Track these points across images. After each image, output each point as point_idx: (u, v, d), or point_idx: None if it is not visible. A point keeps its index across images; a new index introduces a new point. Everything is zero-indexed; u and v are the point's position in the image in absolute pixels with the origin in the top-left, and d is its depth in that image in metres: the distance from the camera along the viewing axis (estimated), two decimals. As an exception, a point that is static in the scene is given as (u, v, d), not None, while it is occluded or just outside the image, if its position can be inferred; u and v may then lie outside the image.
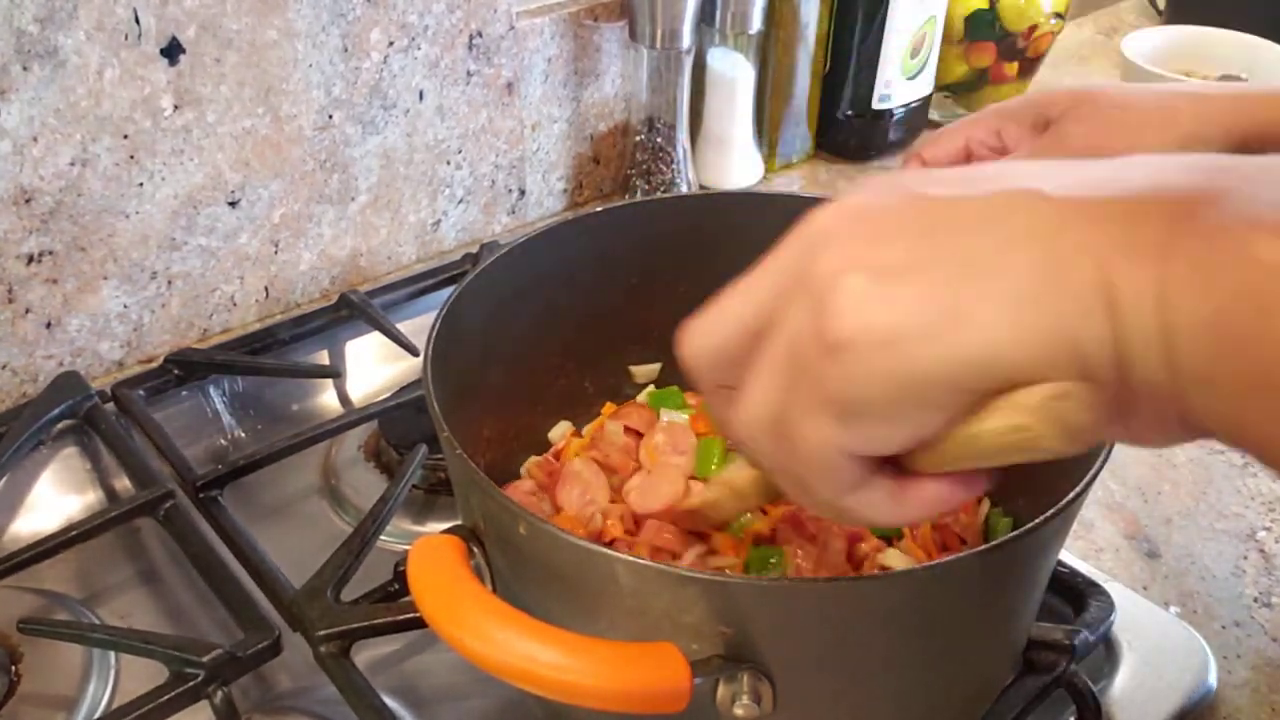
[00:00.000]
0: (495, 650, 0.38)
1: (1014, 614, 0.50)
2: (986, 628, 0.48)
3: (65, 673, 0.59)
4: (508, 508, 0.43)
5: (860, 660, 0.44)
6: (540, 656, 0.38)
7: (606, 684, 0.37)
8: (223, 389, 0.79)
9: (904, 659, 0.45)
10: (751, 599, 0.41)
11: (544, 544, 0.43)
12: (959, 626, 0.46)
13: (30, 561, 0.62)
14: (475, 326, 0.57)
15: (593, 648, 0.38)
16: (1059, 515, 0.42)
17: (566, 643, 0.38)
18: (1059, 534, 0.49)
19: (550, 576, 0.45)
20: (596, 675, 0.37)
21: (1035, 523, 0.41)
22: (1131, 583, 0.66)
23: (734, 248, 0.65)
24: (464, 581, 0.41)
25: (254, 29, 0.77)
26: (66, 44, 0.69)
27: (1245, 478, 0.75)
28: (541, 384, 0.66)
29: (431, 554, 0.42)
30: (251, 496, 0.71)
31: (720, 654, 0.41)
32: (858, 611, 0.42)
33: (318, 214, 0.86)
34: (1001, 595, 0.47)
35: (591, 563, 0.42)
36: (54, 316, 0.76)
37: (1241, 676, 0.61)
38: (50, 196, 0.73)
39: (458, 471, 0.48)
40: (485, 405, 0.61)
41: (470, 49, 0.89)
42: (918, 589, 0.42)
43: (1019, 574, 0.46)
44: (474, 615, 0.39)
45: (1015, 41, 1.14)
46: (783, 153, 1.11)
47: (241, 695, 0.58)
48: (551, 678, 0.38)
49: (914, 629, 0.44)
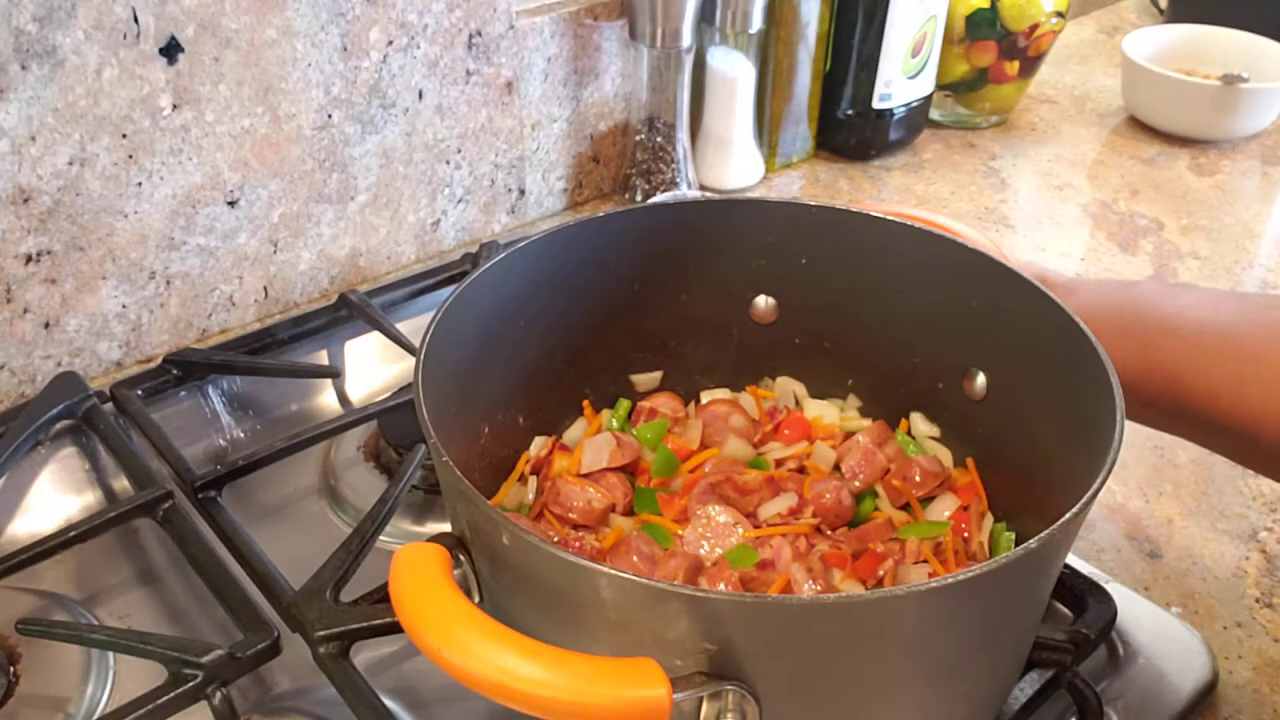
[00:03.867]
0: (472, 662, 0.38)
1: (1015, 629, 0.49)
2: (988, 645, 0.47)
3: (64, 673, 0.59)
4: (491, 516, 0.42)
5: (850, 681, 0.44)
6: (517, 670, 0.37)
7: (584, 700, 0.37)
8: (222, 389, 0.78)
9: (898, 680, 0.44)
10: (734, 616, 0.40)
11: (526, 555, 0.42)
12: (957, 645, 0.45)
13: (29, 562, 0.62)
14: (472, 332, 0.57)
15: (571, 662, 0.38)
16: (1043, 544, 0.41)
17: (544, 657, 0.38)
18: (1056, 553, 0.48)
19: (533, 588, 0.44)
20: (574, 691, 0.37)
21: (1019, 550, 0.41)
22: (1133, 583, 0.66)
23: (735, 255, 0.66)
24: (443, 590, 0.40)
25: (253, 28, 0.76)
26: (65, 43, 0.69)
27: (1247, 478, 0.75)
28: (541, 388, 0.65)
29: (413, 562, 0.41)
30: (250, 497, 0.71)
31: (704, 671, 0.40)
32: (845, 631, 0.41)
33: (317, 214, 0.86)
34: (1001, 613, 0.46)
35: (573, 575, 0.41)
36: (52, 316, 0.76)
37: (1243, 677, 0.61)
38: (49, 196, 0.72)
39: (445, 479, 0.47)
40: (485, 408, 0.61)
41: (470, 48, 0.88)
42: (904, 610, 0.41)
43: (1016, 592, 0.46)
44: (451, 625, 0.39)
45: (1016, 41, 1.14)
46: (783, 152, 1.11)
47: (240, 696, 0.58)
48: (527, 692, 0.37)
49: (907, 649, 0.43)
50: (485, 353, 0.59)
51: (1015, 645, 0.50)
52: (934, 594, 0.40)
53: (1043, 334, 0.54)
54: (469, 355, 0.57)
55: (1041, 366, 0.55)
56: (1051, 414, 0.55)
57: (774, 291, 0.67)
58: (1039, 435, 0.56)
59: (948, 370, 0.63)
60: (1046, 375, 0.55)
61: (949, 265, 0.59)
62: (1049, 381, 0.54)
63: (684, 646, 0.40)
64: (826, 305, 0.66)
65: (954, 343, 0.62)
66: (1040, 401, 0.56)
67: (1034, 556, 0.41)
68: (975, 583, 0.40)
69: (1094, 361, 0.49)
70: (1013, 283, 0.56)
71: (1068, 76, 1.36)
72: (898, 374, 0.65)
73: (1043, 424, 0.56)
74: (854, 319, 0.65)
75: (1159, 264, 0.99)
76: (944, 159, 1.16)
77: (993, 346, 0.60)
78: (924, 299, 0.61)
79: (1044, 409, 0.56)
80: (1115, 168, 1.16)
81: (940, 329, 0.62)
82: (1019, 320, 0.56)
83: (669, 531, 0.59)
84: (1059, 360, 0.53)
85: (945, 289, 0.60)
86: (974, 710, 0.50)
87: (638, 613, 0.41)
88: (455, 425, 0.55)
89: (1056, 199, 1.10)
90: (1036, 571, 0.46)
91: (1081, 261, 0.99)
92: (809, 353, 0.68)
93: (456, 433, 0.56)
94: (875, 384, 0.67)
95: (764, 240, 0.65)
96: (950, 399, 0.63)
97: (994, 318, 0.58)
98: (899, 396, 0.66)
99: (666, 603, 0.39)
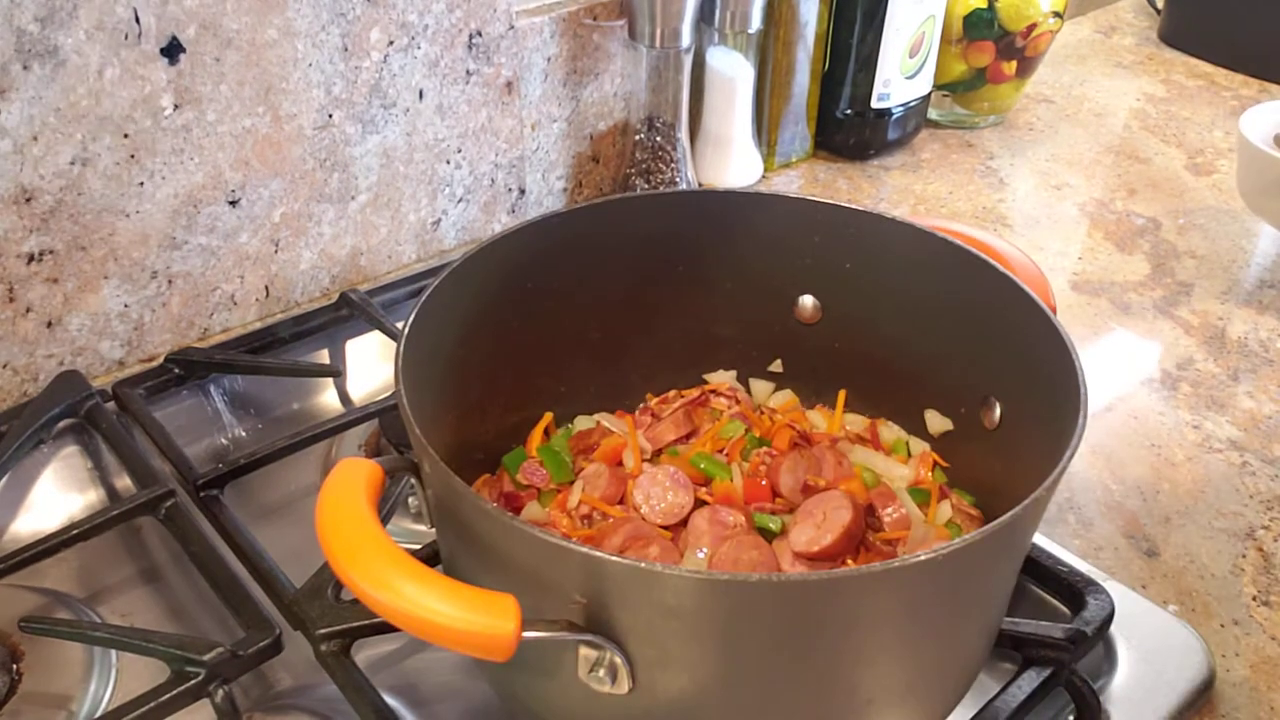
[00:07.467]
0: (354, 568, 0.40)
1: (936, 633, 0.48)
2: (894, 647, 0.47)
3: (66, 671, 0.59)
4: (420, 439, 0.46)
5: (724, 659, 0.44)
6: (392, 583, 0.40)
7: (435, 619, 0.39)
8: (223, 388, 0.79)
9: (779, 668, 0.44)
10: (585, 570, 0.42)
11: (438, 479, 0.46)
12: (851, 642, 0.45)
13: (31, 560, 0.62)
14: (457, 313, 0.58)
15: (438, 585, 0.40)
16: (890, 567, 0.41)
17: (418, 577, 0.40)
18: (986, 559, 0.46)
19: (443, 513, 0.49)
20: (432, 612, 0.39)
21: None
22: (1130, 581, 0.67)
23: (726, 248, 0.66)
24: (361, 509, 0.42)
25: (254, 28, 0.77)
26: (67, 43, 0.69)
27: (1244, 477, 0.75)
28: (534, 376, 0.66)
29: (345, 478, 0.44)
30: (252, 495, 0.71)
31: (574, 621, 0.43)
32: (708, 608, 0.42)
33: (318, 213, 0.86)
34: (907, 614, 0.45)
35: (458, 503, 0.45)
36: (55, 316, 0.76)
37: (1240, 675, 0.61)
38: (51, 196, 0.73)
39: (404, 410, 0.49)
40: (485, 385, 0.62)
41: (470, 48, 0.89)
42: (755, 596, 0.41)
43: (909, 595, 0.44)
44: (350, 536, 0.41)
45: (1013, 41, 1.14)
46: (782, 152, 1.11)
47: (242, 694, 0.58)
48: (386, 602, 0.40)
49: (791, 639, 0.43)
50: (470, 332, 0.60)
51: (952, 651, 0.50)
52: (786, 587, 0.41)
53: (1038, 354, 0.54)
54: (452, 333, 0.58)
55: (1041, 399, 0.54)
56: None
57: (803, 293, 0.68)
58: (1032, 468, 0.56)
59: (968, 396, 0.63)
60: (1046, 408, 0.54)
61: (978, 285, 0.59)
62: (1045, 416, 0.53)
63: (558, 594, 0.43)
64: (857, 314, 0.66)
65: (974, 369, 0.62)
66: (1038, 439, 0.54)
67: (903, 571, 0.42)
68: (841, 580, 0.42)
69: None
70: (1028, 311, 0.55)
71: (1065, 76, 1.37)
72: (912, 387, 0.66)
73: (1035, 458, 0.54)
74: (885, 330, 0.66)
75: (1156, 263, 1.00)
76: (942, 158, 1.17)
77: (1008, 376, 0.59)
78: (946, 315, 0.62)
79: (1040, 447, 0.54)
80: (1112, 167, 1.16)
81: (960, 350, 0.62)
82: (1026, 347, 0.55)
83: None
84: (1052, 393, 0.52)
85: (964, 306, 0.60)
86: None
87: (513, 551, 0.44)
88: (449, 395, 0.58)
89: (1054, 198, 1.10)
90: (958, 577, 0.45)
91: (1079, 261, 1.00)
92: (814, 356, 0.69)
93: (454, 400, 0.59)
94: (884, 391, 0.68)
95: (756, 232, 0.66)
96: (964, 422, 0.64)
97: (1007, 346, 0.58)
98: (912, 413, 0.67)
99: (529, 545, 0.43)
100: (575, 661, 0.44)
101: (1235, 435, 0.79)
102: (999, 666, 0.59)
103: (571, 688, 0.45)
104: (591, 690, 0.44)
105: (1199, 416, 0.81)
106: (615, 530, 0.57)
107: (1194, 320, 0.92)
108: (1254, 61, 1.36)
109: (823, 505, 0.57)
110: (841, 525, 0.56)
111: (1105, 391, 0.83)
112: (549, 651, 0.45)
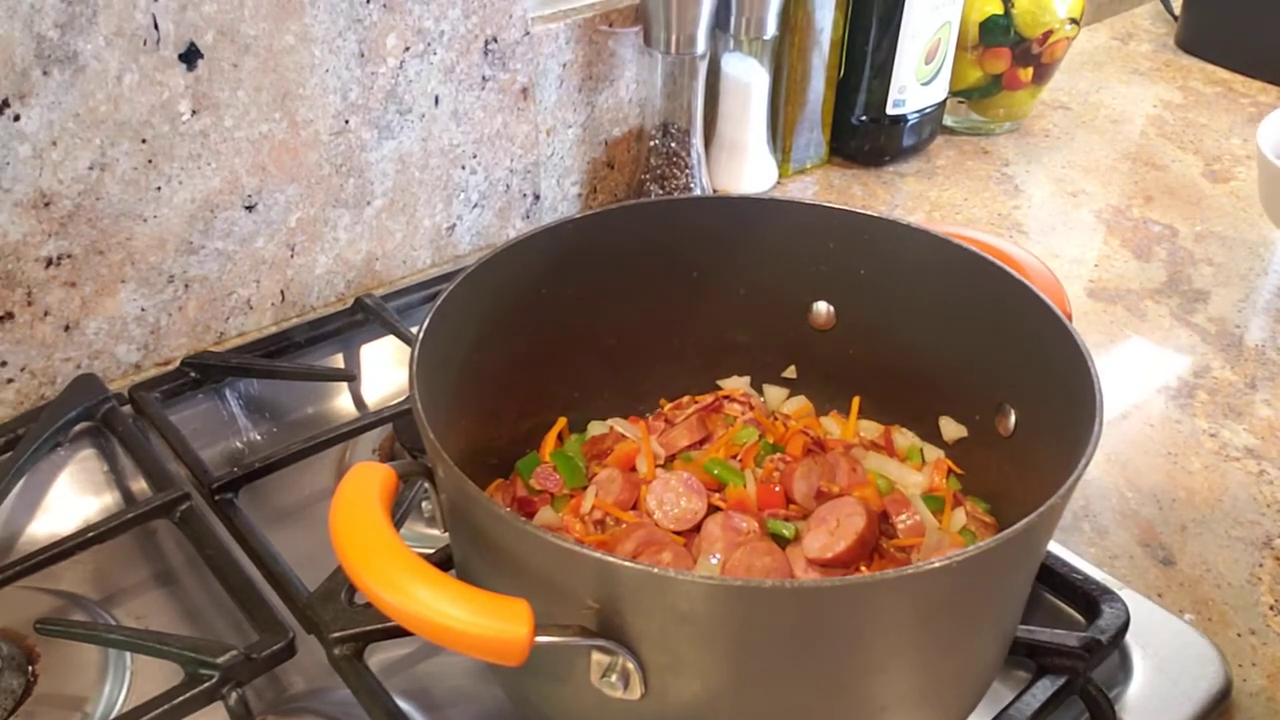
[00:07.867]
0: (368, 573, 0.41)
1: (950, 641, 0.48)
2: (907, 653, 0.47)
3: (81, 673, 0.60)
4: (434, 443, 0.46)
5: (736, 666, 0.44)
6: (405, 587, 0.40)
7: (452, 624, 0.39)
8: (239, 392, 0.79)
9: (791, 674, 0.44)
10: (598, 575, 0.42)
11: (451, 484, 0.46)
12: (864, 648, 0.44)
13: (47, 562, 0.63)
14: (472, 317, 0.59)
15: (451, 589, 0.40)
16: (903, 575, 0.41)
17: (431, 581, 0.40)
18: (989, 574, 0.46)
19: (456, 518, 0.49)
20: (445, 616, 0.39)
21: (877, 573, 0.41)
22: (1146, 590, 0.66)
23: (741, 254, 0.66)
24: (374, 513, 0.43)
25: (271, 34, 0.77)
26: (86, 49, 0.70)
27: (1261, 485, 0.75)
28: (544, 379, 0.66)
29: (359, 482, 0.44)
30: (267, 499, 0.71)
31: (587, 626, 0.43)
32: (721, 614, 0.42)
33: (333, 218, 0.87)
34: (916, 625, 0.45)
35: (472, 508, 0.45)
36: (72, 319, 0.77)
37: (1256, 684, 0.61)
38: (69, 200, 0.73)
39: (418, 415, 0.49)
40: (502, 386, 0.63)
41: (485, 54, 0.89)
42: (768, 602, 0.41)
43: (909, 607, 0.44)
44: (362, 539, 0.42)
45: (1030, 47, 1.14)
46: (797, 158, 1.11)
47: (256, 697, 0.58)
48: (400, 606, 0.40)
49: (804, 645, 0.43)
50: (484, 336, 0.60)
51: (966, 660, 0.50)
52: (796, 593, 0.41)
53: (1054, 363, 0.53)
54: (467, 337, 0.58)
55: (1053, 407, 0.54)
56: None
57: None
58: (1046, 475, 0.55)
59: (983, 403, 0.62)
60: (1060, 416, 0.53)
61: (994, 290, 0.58)
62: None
63: (571, 599, 0.43)
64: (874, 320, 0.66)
65: (989, 376, 0.61)
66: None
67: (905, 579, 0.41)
68: (856, 588, 0.42)
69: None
70: (1044, 318, 0.55)
71: (1081, 83, 1.36)
72: (927, 393, 0.66)
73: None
74: (899, 336, 0.66)
75: (1173, 271, 0.99)
76: (957, 165, 1.16)
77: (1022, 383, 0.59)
78: (960, 322, 0.61)
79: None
80: (1129, 174, 1.15)
81: (975, 357, 0.62)
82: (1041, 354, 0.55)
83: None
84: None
85: (979, 312, 0.60)
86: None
87: (528, 556, 0.44)
88: (464, 400, 0.58)
89: (1070, 205, 1.10)
90: (968, 585, 0.45)
91: (1095, 268, 0.99)
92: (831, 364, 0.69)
93: (471, 405, 0.59)
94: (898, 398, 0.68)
95: (772, 239, 0.66)
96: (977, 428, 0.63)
97: (1021, 351, 0.58)
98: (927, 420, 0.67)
99: (542, 550, 0.42)
100: (588, 666, 0.44)
101: (1252, 444, 0.79)
102: (1013, 674, 0.59)
103: (584, 693, 0.45)
104: (604, 695, 0.44)
105: (1216, 425, 0.81)
106: (628, 535, 0.57)
107: (1211, 328, 0.91)
108: (1272, 68, 1.35)
109: (836, 512, 0.57)
110: (855, 532, 0.56)
111: (1121, 399, 0.83)
112: (561, 656, 0.45)
